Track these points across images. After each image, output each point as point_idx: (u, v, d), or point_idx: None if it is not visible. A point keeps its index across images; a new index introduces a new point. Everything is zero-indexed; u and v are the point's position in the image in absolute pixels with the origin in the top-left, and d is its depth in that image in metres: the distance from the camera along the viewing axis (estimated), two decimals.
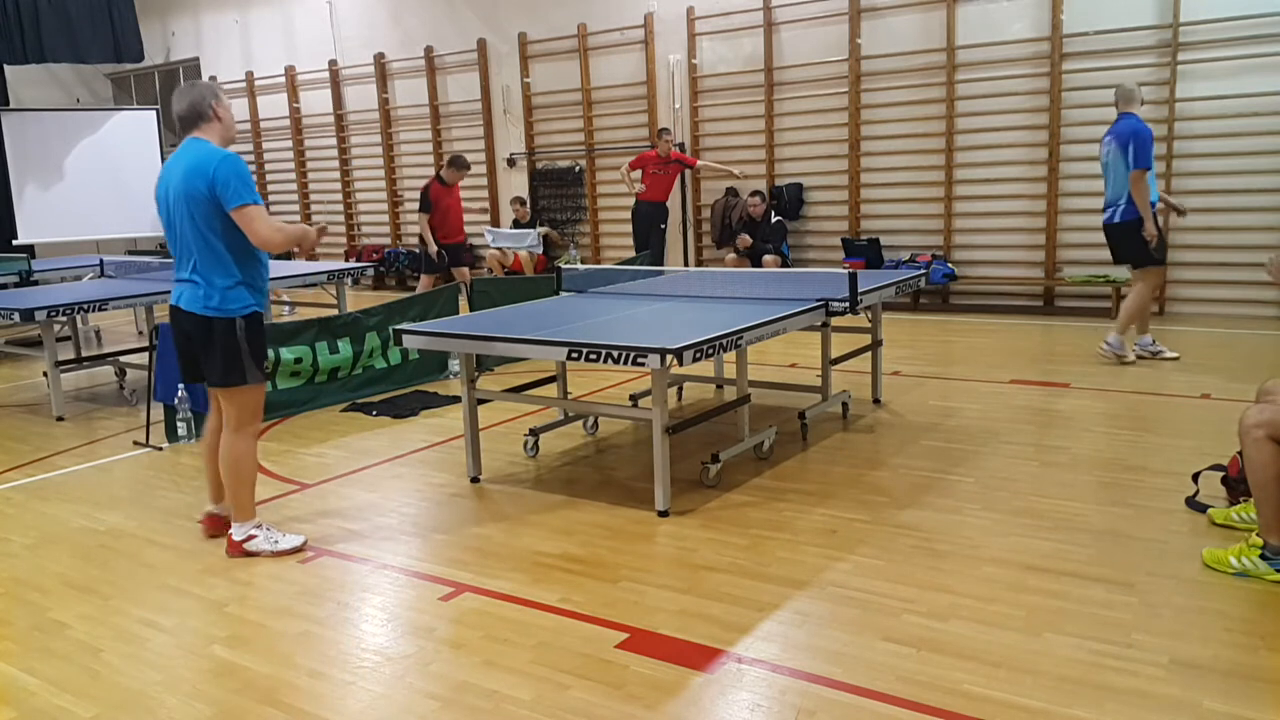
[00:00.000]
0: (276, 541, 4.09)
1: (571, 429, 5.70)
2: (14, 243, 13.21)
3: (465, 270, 9.99)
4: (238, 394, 3.98)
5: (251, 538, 4.07)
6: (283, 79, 14.56)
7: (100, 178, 13.66)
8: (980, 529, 4.00)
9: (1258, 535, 3.46)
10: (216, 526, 4.27)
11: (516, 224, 12.30)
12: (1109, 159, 6.84)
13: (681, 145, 11.12)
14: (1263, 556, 3.40)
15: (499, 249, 12.00)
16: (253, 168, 15.24)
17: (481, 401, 5.03)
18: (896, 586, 3.50)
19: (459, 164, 9.61)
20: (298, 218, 14.99)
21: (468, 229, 13.23)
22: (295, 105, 14.60)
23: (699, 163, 10.81)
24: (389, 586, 3.74)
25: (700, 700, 2.83)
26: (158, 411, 5.90)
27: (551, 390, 5.45)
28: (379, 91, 13.60)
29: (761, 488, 4.62)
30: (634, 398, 6.09)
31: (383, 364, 7.04)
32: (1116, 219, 6.87)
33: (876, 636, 3.14)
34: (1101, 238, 9.09)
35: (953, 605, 3.33)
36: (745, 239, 10.11)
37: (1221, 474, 4.18)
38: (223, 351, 3.91)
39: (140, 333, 9.94)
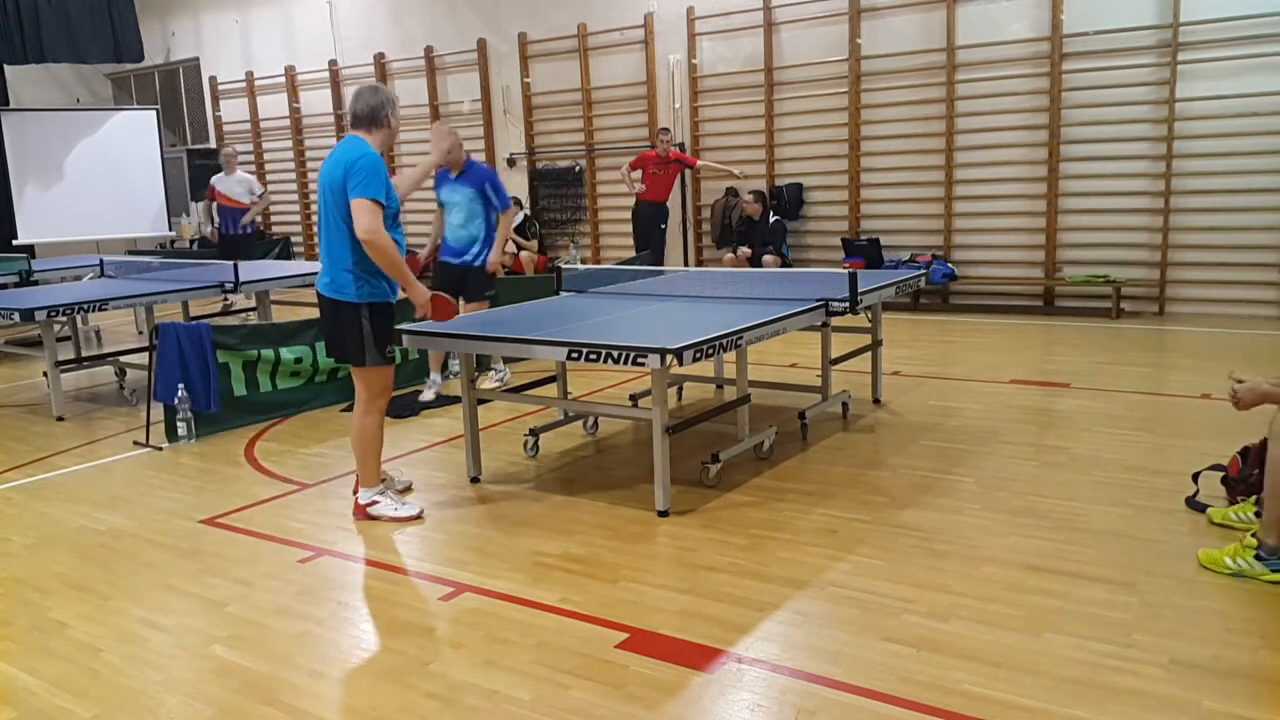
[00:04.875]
0: (398, 509, 4.42)
1: (571, 429, 5.70)
2: (14, 243, 13.21)
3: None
4: (358, 373, 4.33)
5: (375, 503, 4.44)
6: (283, 79, 14.56)
7: (100, 178, 13.66)
8: (980, 529, 4.00)
9: (1253, 535, 3.46)
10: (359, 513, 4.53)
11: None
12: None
13: (681, 145, 11.12)
14: (1258, 557, 3.40)
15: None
16: (252, 168, 15.24)
17: (481, 401, 5.03)
18: (896, 586, 3.50)
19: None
20: (298, 218, 15.01)
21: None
22: (295, 105, 14.60)
23: (699, 163, 10.80)
24: (389, 586, 3.74)
25: (700, 700, 2.83)
26: (158, 411, 5.90)
27: (551, 390, 5.45)
28: None
29: (761, 488, 4.62)
30: (634, 398, 6.09)
31: None
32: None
33: (876, 636, 3.14)
34: (1101, 238, 9.18)
35: (953, 605, 3.33)
36: (745, 251, 10.10)
37: (1221, 474, 4.17)
38: (341, 332, 4.27)
39: (140, 333, 9.93)
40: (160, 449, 5.79)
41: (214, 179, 11.41)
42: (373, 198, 4.03)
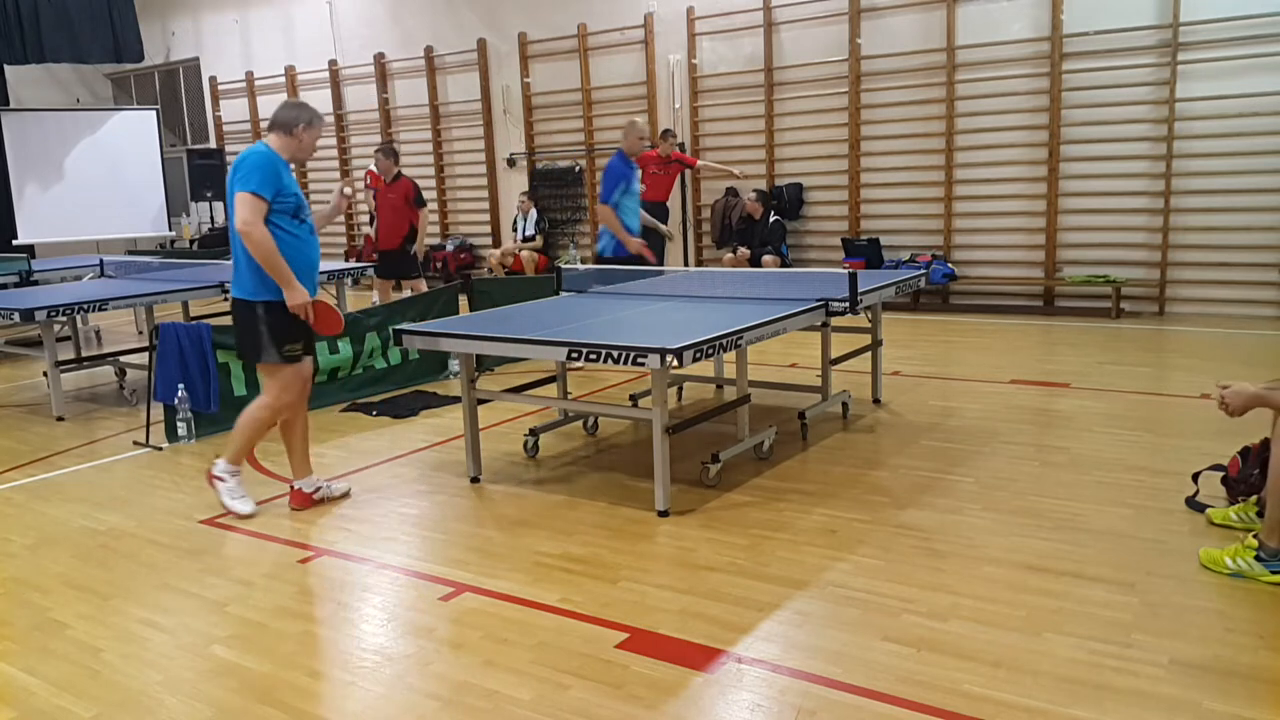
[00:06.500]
0: (235, 498, 4.54)
1: (571, 429, 5.70)
2: (14, 243, 13.21)
3: (420, 283, 8.88)
4: (260, 370, 4.49)
5: (223, 480, 4.55)
6: (283, 79, 14.56)
7: (100, 178, 13.66)
8: (980, 529, 4.00)
9: (1254, 536, 3.46)
10: (301, 501, 4.63)
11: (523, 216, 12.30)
12: None
13: (682, 145, 11.11)
14: (1257, 558, 3.40)
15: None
16: None
17: (481, 401, 5.03)
18: (896, 586, 3.50)
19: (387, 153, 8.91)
20: None
21: (471, 229, 13.31)
22: None
23: (699, 163, 10.80)
24: (389, 586, 3.74)
25: (700, 700, 2.83)
26: (158, 411, 5.90)
27: (551, 390, 5.45)
28: (379, 91, 13.60)
29: (761, 488, 4.62)
30: (634, 398, 6.09)
31: (383, 364, 7.04)
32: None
33: (876, 636, 3.14)
34: (1101, 238, 9.18)
35: (953, 605, 3.33)
36: (745, 253, 10.11)
37: (1221, 474, 4.17)
38: (240, 329, 4.40)
39: (140, 333, 9.93)
40: (160, 449, 5.79)
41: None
42: (253, 191, 4.11)
